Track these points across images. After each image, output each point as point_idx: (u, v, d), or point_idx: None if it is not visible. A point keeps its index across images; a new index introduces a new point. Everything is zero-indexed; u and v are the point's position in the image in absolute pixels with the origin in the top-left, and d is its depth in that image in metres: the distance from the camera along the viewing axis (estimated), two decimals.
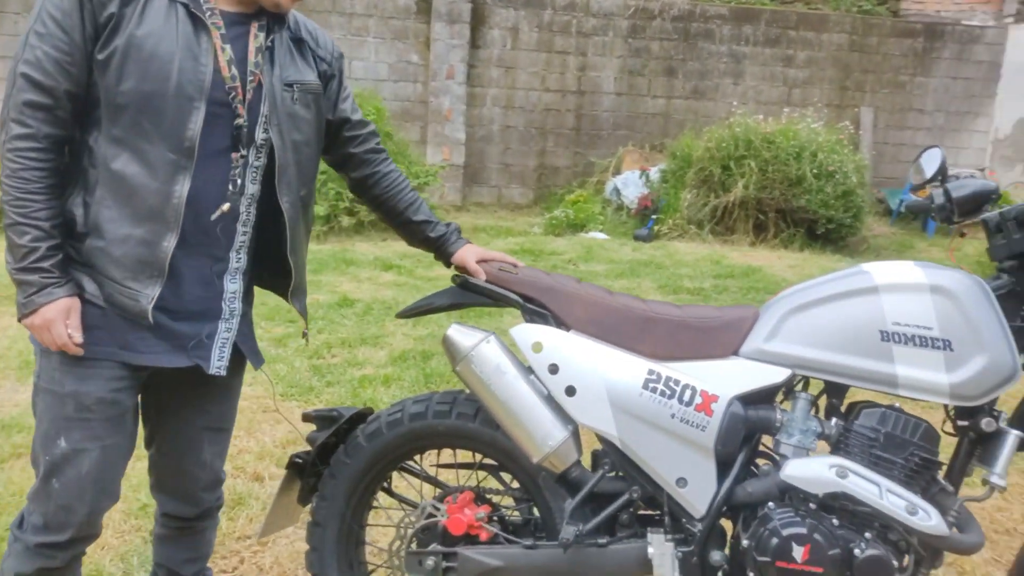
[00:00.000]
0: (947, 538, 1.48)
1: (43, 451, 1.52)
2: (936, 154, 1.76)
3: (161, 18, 1.41)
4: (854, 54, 10.00)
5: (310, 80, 1.61)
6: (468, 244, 1.86)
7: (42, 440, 1.53)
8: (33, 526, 1.55)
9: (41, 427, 1.53)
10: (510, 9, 9.05)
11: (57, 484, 1.52)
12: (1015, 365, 1.51)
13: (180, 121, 1.43)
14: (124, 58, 1.39)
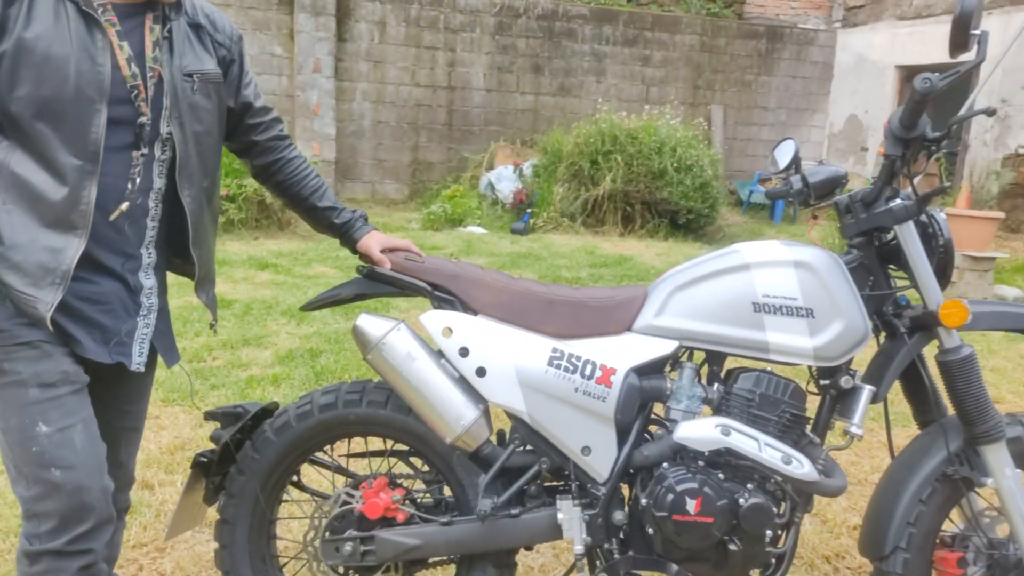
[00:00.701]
0: (817, 483, 1.68)
1: (24, 453, 1.42)
2: (790, 146, 1.97)
3: (50, 18, 1.36)
4: (704, 54, 10.66)
5: (210, 69, 1.59)
6: (373, 231, 1.88)
7: (19, 442, 1.42)
8: (49, 532, 1.44)
9: (11, 432, 1.43)
10: (376, 2, 8.99)
11: (57, 471, 1.42)
12: (867, 328, 1.73)
13: (83, 126, 1.39)
14: (15, 62, 1.34)
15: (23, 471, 1.45)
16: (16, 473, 1.46)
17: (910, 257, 1.74)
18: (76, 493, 1.44)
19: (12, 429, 1.44)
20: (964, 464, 1.76)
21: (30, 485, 1.45)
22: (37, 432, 1.43)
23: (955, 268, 5.88)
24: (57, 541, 1.44)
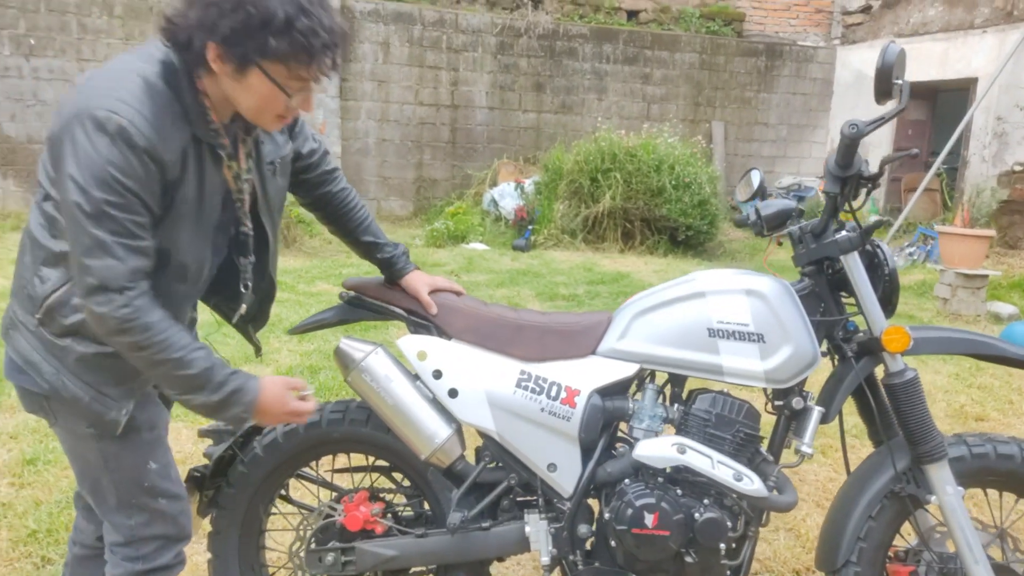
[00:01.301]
0: (767, 499, 1.79)
1: (135, 488, 1.59)
2: (755, 176, 2.09)
3: (195, 170, 1.45)
4: (704, 72, 10.81)
5: (286, 152, 1.69)
6: (416, 271, 1.96)
7: (132, 479, 1.59)
8: (154, 552, 1.63)
9: (123, 470, 1.59)
10: (380, 24, 9.18)
11: (163, 500, 1.63)
12: (815, 352, 1.84)
13: (198, 256, 1.54)
14: (167, 218, 1.44)
15: (132, 503, 1.61)
16: (119, 505, 1.62)
17: (855, 285, 1.85)
18: (177, 518, 1.67)
19: (125, 468, 1.60)
20: (911, 482, 1.86)
21: (134, 514, 1.62)
22: (148, 469, 1.61)
23: (948, 286, 5.95)
24: (163, 559, 1.65)
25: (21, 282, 1.50)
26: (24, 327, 1.50)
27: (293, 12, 1.33)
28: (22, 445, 3.04)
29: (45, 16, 8.01)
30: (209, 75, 1.42)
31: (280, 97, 1.42)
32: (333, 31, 1.39)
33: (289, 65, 1.38)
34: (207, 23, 1.34)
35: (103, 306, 1.36)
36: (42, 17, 8.00)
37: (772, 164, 11.43)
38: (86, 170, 1.31)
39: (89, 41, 8.19)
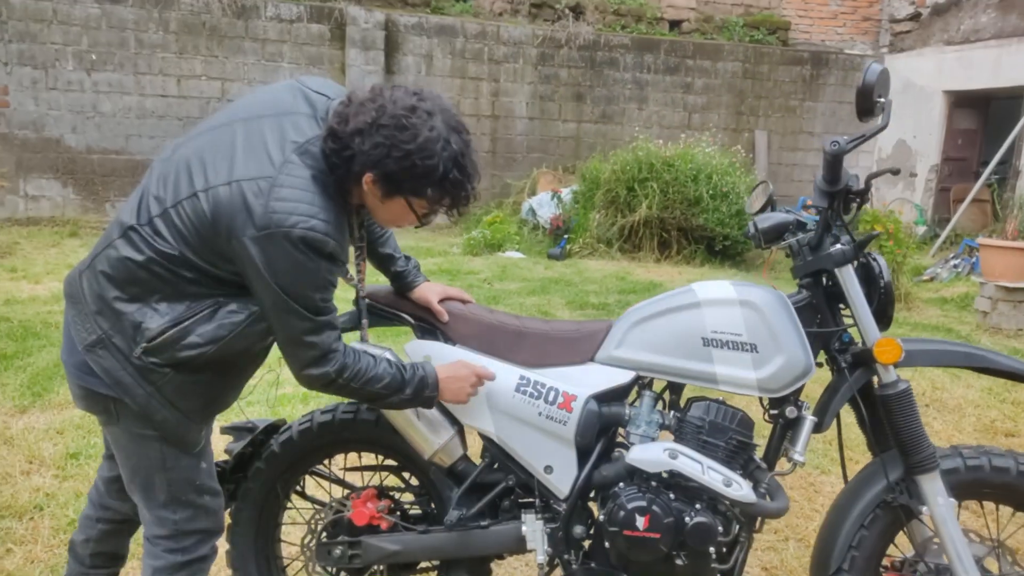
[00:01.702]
0: (755, 504, 1.83)
1: (186, 485, 1.74)
2: (765, 189, 2.14)
3: None
4: (748, 81, 10.74)
5: None
6: (427, 282, 2.07)
7: (185, 478, 1.74)
8: (195, 544, 1.78)
9: (179, 470, 1.73)
10: (423, 36, 9.37)
11: (207, 497, 1.79)
12: (808, 363, 1.87)
13: None
14: None
15: (181, 500, 1.75)
16: (168, 501, 1.75)
17: (849, 297, 1.88)
18: (216, 512, 1.82)
19: (181, 468, 1.74)
20: (903, 493, 1.88)
21: (179, 510, 1.76)
22: (200, 469, 1.77)
23: (988, 299, 5.83)
24: (201, 551, 1.79)
25: (119, 309, 1.58)
26: (117, 349, 1.59)
27: (451, 167, 1.55)
28: (67, 440, 3.23)
29: (106, 32, 8.40)
30: (355, 185, 1.60)
31: (413, 219, 1.67)
32: (474, 179, 1.65)
33: (431, 204, 1.62)
34: (373, 157, 1.52)
35: (324, 368, 1.62)
36: (103, 33, 8.39)
37: (817, 173, 11.25)
38: (308, 281, 1.53)
39: (145, 56, 8.56)
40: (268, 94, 1.69)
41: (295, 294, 1.53)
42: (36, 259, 6.74)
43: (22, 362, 4.08)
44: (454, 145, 1.56)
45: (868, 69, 1.61)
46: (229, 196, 1.50)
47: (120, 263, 1.58)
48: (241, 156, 1.54)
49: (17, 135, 8.26)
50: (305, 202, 1.50)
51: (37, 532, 2.57)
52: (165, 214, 1.55)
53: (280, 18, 8.88)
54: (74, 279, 1.67)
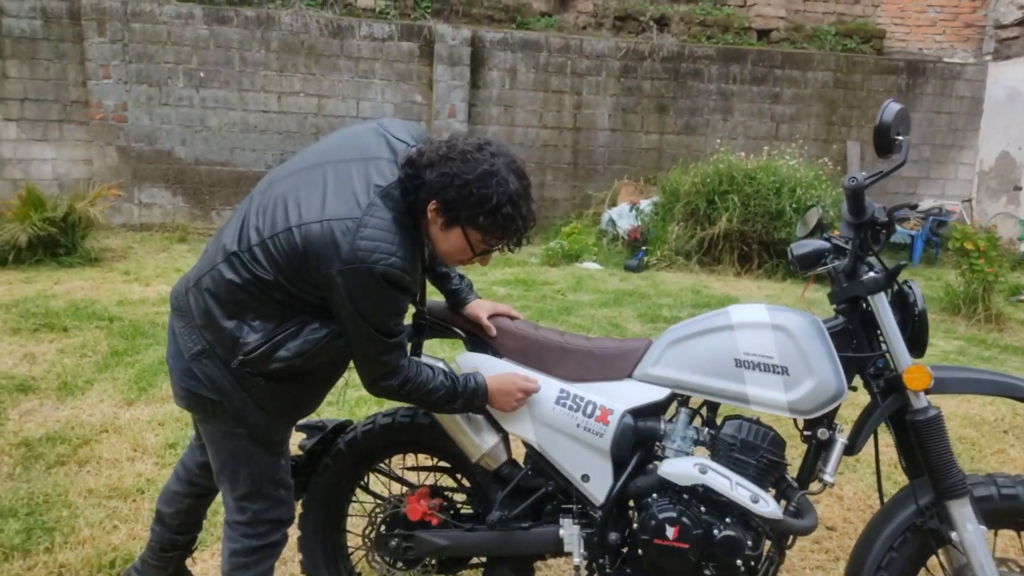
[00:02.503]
0: (781, 521, 1.90)
1: (270, 479, 1.97)
2: (815, 213, 2.21)
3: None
4: (839, 91, 10.48)
5: None
6: (478, 299, 2.23)
7: (268, 473, 1.97)
8: (269, 531, 2.00)
9: (265, 465, 1.96)
10: (508, 52, 9.61)
11: (283, 491, 2.02)
12: (840, 387, 1.93)
13: None
14: None
15: (260, 492, 1.97)
16: (249, 492, 1.97)
17: (881, 324, 1.94)
18: (289, 504, 2.05)
19: (264, 464, 1.96)
20: (934, 518, 1.91)
21: (258, 501, 1.98)
22: (280, 465, 2.00)
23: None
24: (274, 537, 2.03)
25: (220, 323, 1.82)
26: (219, 359, 1.82)
27: (504, 201, 1.72)
28: (167, 431, 3.58)
29: (213, 52, 9.02)
30: (422, 215, 1.80)
31: (469, 253, 1.83)
32: (527, 221, 1.79)
33: (485, 236, 1.78)
34: (437, 187, 1.73)
35: (391, 380, 1.85)
36: (211, 53, 9.01)
37: (914, 186, 10.88)
38: (384, 309, 1.76)
39: (249, 73, 9.14)
40: (355, 137, 1.92)
41: (373, 321, 1.75)
42: (147, 263, 7.33)
43: (131, 359, 4.51)
44: (511, 185, 1.74)
45: (886, 108, 1.68)
46: (320, 233, 1.71)
47: (223, 284, 1.81)
48: (331, 197, 1.75)
49: (133, 148, 8.98)
50: (387, 242, 1.70)
51: (139, 512, 2.88)
52: (263, 244, 1.78)
53: (373, 37, 9.31)
54: (180, 294, 1.92)
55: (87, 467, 3.21)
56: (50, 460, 3.24)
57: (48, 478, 3.10)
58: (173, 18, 8.86)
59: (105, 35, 8.67)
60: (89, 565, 2.54)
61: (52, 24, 8.57)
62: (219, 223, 9.27)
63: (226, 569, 2.02)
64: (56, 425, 3.58)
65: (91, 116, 8.80)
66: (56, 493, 2.97)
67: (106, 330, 5.01)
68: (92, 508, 2.88)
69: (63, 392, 3.97)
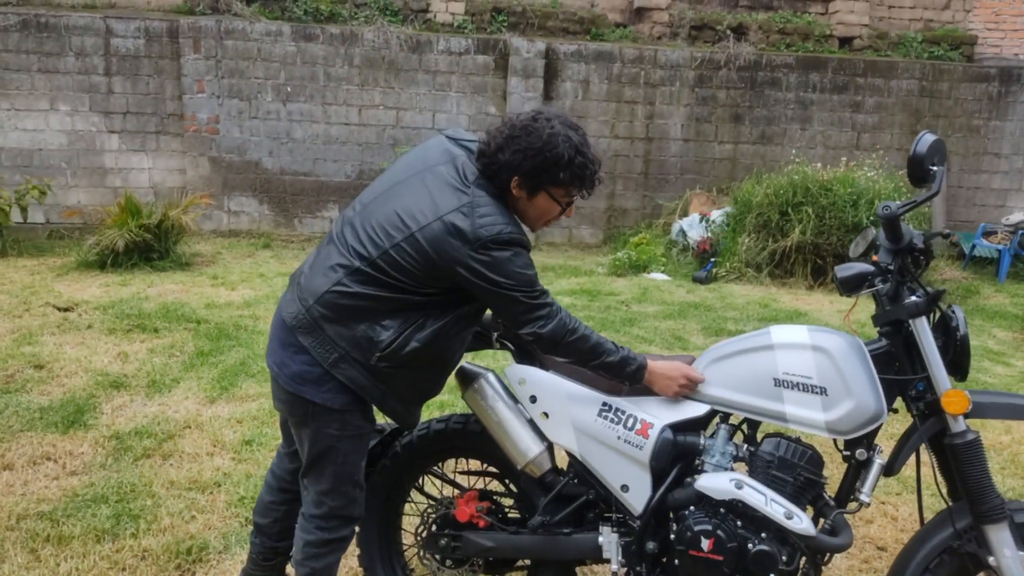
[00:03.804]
0: (815, 538, 1.94)
1: (349, 478, 2.12)
2: (869, 233, 2.23)
3: None
4: (925, 99, 10.12)
5: None
6: None
7: (349, 473, 2.11)
8: (340, 525, 2.17)
9: (347, 464, 2.11)
10: (581, 63, 9.70)
11: (358, 491, 2.17)
12: (879, 408, 1.96)
13: None
14: None
15: (340, 490, 2.12)
16: (330, 489, 2.12)
17: (921, 348, 1.95)
18: (360, 503, 2.20)
19: (349, 464, 2.12)
20: (972, 541, 1.92)
21: (337, 498, 2.13)
22: (360, 466, 2.16)
23: None
24: (343, 532, 2.19)
25: (352, 330, 1.99)
26: (356, 362, 2.00)
27: (574, 154, 1.94)
28: (244, 428, 3.82)
29: (299, 67, 9.45)
30: (508, 194, 2.01)
31: (556, 209, 2.04)
32: (596, 163, 2.00)
33: (567, 189, 2.00)
34: (514, 164, 1.95)
35: (549, 325, 1.99)
36: (297, 68, 9.45)
37: (1004, 198, 10.40)
38: (521, 266, 1.93)
39: (332, 88, 9.53)
40: (433, 148, 2.12)
41: (517, 280, 1.93)
42: (233, 268, 7.74)
43: (215, 359, 4.81)
44: (573, 138, 1.95)
45: (920, 140, 1.71)
46: (443, 229, 1.90)
47: (350, 296, 1.99)
48: (437, 196, 1.95)
49: (224, 158, 9.49)
50: (500, 214, 1.93)
51: (215, 504, 3.11)
52: (386, 255, 1.95)
53: (450, 51, 9.56)
54: (301, 313, 2.04)
55: (170, 460, 3.48)
56: (137, 452, 3.52)
57: (135, 469, 3.37)
58: (263, 35, 9.33)
59: (200, 52, 9.21)
60: (168, 551, 2.76)
61: (153, 42, 9.15)
62: (301, 230, 9.69)
63: (298, 558, 2.19)
64: (144, 420, 3.87)
65: (186, 128, 9.34)
66: (142, 483, 3.24)
67: (193, 331, 5.35)
68: (173, 499, 3.13)
69: (151, 389, 4.29)
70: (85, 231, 8.31)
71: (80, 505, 3.04)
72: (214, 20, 9.24)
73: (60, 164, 9.12)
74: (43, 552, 2.73)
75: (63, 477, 3.29)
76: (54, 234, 8.95)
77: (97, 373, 4.46)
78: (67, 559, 2.70)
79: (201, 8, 9.54)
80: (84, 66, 9.02)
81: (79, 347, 4.92)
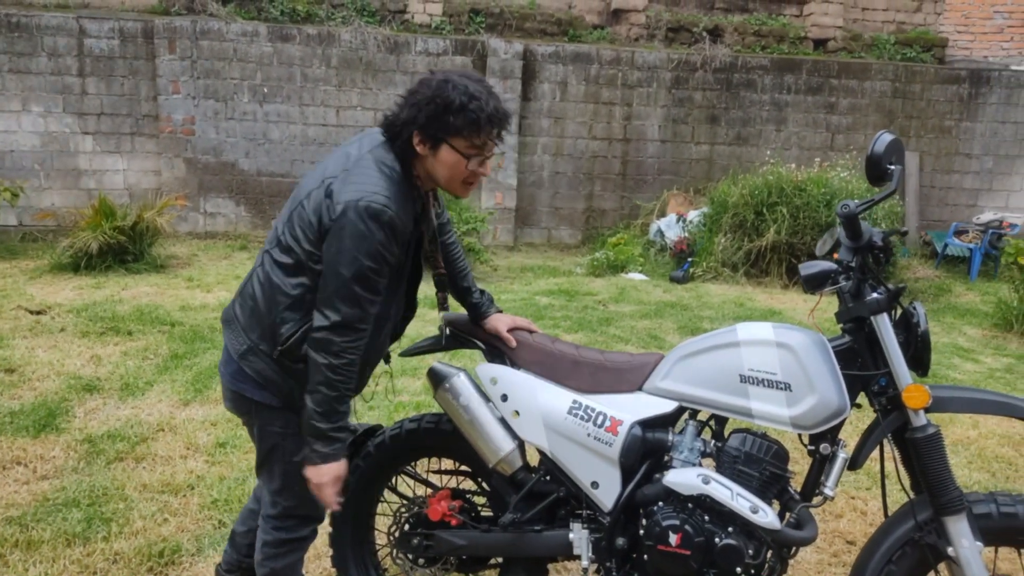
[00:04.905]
0: (780, 531, 1.97)
1: (298, 476, 2.02)
2: (835, 232, 2.26)
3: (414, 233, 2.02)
4: (897, 100, 10.27)
5: (443, 219, 2.27)
6: (498, 313, 2.37)
7: (299, 470, 2.02)
8: (297, 525, 2.15)
9: (294, 464, 2.04)
10: (559, 65, 9.74)
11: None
12: (842, 403, 1.99)
13: (400, 294, 2.08)
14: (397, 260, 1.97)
15: (291, 488, 2.09)
16: (281, 487, 2.11)
17: (883, 343, 1.99)
18: (318, 503, 2.09)
19: (295, 462, 2.05)
20: (932, 533, 1.96)
21: (290, 497, 2.11)
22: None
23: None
24: (301, 532, 2.18)
25: (262, 320, 1.98)
26: (264, 354, 1.99)
27: (466, 99, 1.86)
28: (218, 431, 3.81)
29: (276, 68, 9.40)
30: (416, 159, 1.96)
31: (462, 163, 1.93)
32: (497, 111, 1.91)
33: (466, 136, 1.90)
34: (411, 118, 1.91)
35: (338, 336, 1.88)
36: (274, 69, 9.40)
37: (975, 198, 10.57)
38: (361, 246, 1.84)
39: (309, 88, 9.49)
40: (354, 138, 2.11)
41: (349, 256, 1.84)
42: (209, 270, 7.68)
43: (190, 362, 4.78)
44: (468, 84, 1.88)
45: (878, 139, 1.74)
46: (320, 194, 1.90)
47: (259, 283, 2.01)
48: (329, 165, 1.97)
49: (200, 160, 9.41)
50: (371, 182, 1.88)
51: (188, 507, 3.10)
52: (284, 232, 1.97)
53: (428, 52, 9.56)
54: (228, 307, 2.13)
55: (143, 463, 3.46)
56: (110, 456, 3.49)
57: (108, 472, 3.35)
58: (239, 36, 9.27)
59: (175, 52, 9.14)
60: (140, 554, 2.75)
61: (128, 43, 9.07)
62: None
63: (258, 558, 2.19)
64: (117, 423, 3.84)
65: (161, 130, 9.27)
66: (114, 486, 3.21)
67: (167, 334, 5.31)
68: (146, 502, 3.11)
69: (125, 392, 4.25)
70: (59, 233, 8.22)
71: (50, 509, 3.01)
72: (189, 20, 9.17)
73: (33, 166, 9.01)
74: (11, 557, 2.70)
75: (33, 482, 3.26)
76: (27, 237, 8.84)
77: (70, 376, 4.42)
78: (36, 564, 2.67)
79: (176, 8, 9.46)
80: (57, 66, 8.92)
81: (51, 350, 4.87)
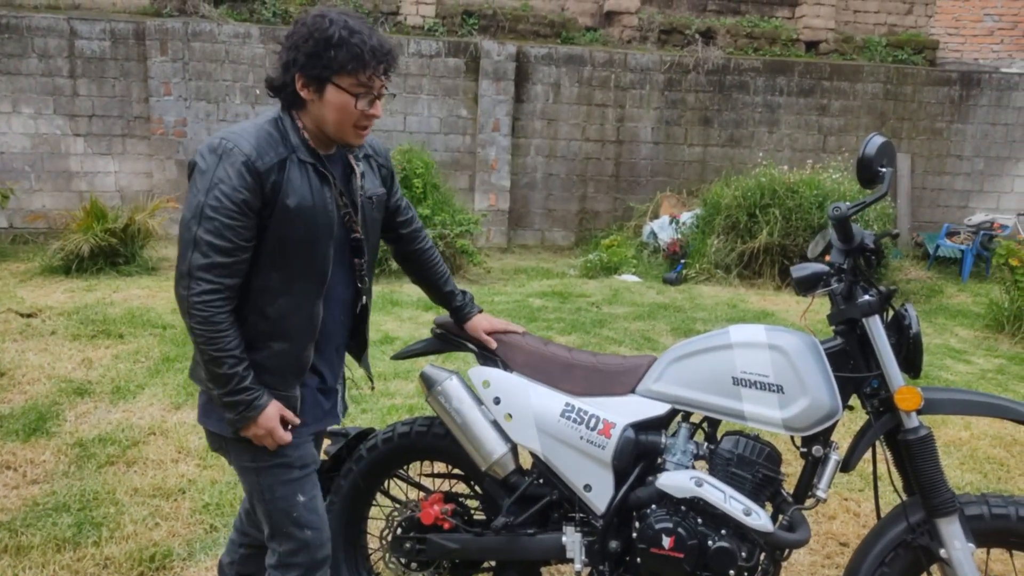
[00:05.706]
0: (772, 534, 1.97)
1: (285, 517, 1.89)
2: (827, 234, 2.27)
3: (301, 180, 1.81)
4: (889, 102, 10.32)
5: (380, 192, 2.07)
6: (480, 314, 2.33)
7: (282, 510, 1.89)
8: (303, 571, 1.94)
9: (275, 501, 1.89)
10: (552, 67, 9.75)
11: (309, 532, 1.93)
12: (834, 405, 1.99)
13: (321, 260, 1.87)
14: (283, 217, 1.78)
15: (282, 531, 1.92)
16: (272, 533, 1.94)
17: (875, 346, 1.99)
18: (319, 548, 1.97)
19: (277, 499, 1.90)
20: (924, 534, 1.96)
21: (284, 542, 1.93)
22: (297, 502, 1.92)
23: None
24: None
25: None
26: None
27: (346, 34, 1.74)
28: None
29: (268, 70, 9.38)
30: (303, 112, 1.83)
31: (350, 103, 1.78)
32: (381, 45, 1.78)
33: (351, 72, 1.76)
34: (291, 60, 1.78)
35: (184, 289, 1.74)
36: (266, 71, 9.37)
37: (966, 199, 10.62)
38: (201, 183, 1.74)
39: None
40: None
41: (190, 197, 1.75)
42: None
43: (181, 365, 4.76)
44: (346, 19, 1.77)
45: (869, 142, 1.75)
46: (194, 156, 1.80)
47: None
48: None
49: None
50: (235, 132, 1.78)
51: (179, 511, 3.08)
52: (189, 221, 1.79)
53: (421, 54, 9.55)
54: None
55: (134, 467, 3.44)
56: (101, 460, 3.47)
57: (98, 477, 3.33)
58: (231, 38, 9.25)
59: (167, 54, 9.10)
60: (131, 559, 2.73)
61: (119, 44, 9.03)
62: None
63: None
64: (108, 427, 3.82)
65: (152, 131, 9.23)
66: (105, 491, 3.19)
67: (159, 337, 5.29)
68: (137, 506, 3.09)
69: (116, 396, 4.23)
70: (50, 236, 8.18)
71: (40, 514, 2.99)
72: (181, 22, 9.14)
73: (23, 168, 8.96)
74: (0, 563, 2.68)
75: (23, 486, 3.24)
76: (17, 239, 8.79)
77: (60, 380, 4.39)
78: (26, 569, 2.65)
79: (168, 10, 9.43)
80: (48, 68, 8.87)
81: (42, 353, 4.84)
